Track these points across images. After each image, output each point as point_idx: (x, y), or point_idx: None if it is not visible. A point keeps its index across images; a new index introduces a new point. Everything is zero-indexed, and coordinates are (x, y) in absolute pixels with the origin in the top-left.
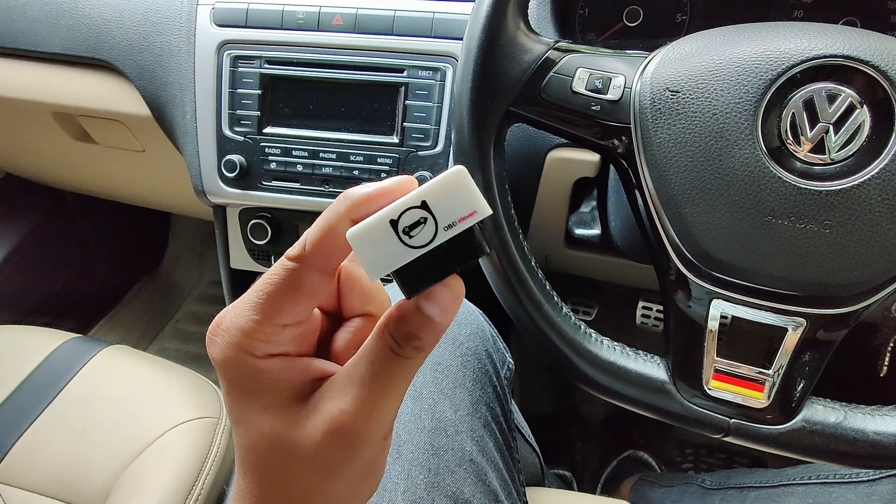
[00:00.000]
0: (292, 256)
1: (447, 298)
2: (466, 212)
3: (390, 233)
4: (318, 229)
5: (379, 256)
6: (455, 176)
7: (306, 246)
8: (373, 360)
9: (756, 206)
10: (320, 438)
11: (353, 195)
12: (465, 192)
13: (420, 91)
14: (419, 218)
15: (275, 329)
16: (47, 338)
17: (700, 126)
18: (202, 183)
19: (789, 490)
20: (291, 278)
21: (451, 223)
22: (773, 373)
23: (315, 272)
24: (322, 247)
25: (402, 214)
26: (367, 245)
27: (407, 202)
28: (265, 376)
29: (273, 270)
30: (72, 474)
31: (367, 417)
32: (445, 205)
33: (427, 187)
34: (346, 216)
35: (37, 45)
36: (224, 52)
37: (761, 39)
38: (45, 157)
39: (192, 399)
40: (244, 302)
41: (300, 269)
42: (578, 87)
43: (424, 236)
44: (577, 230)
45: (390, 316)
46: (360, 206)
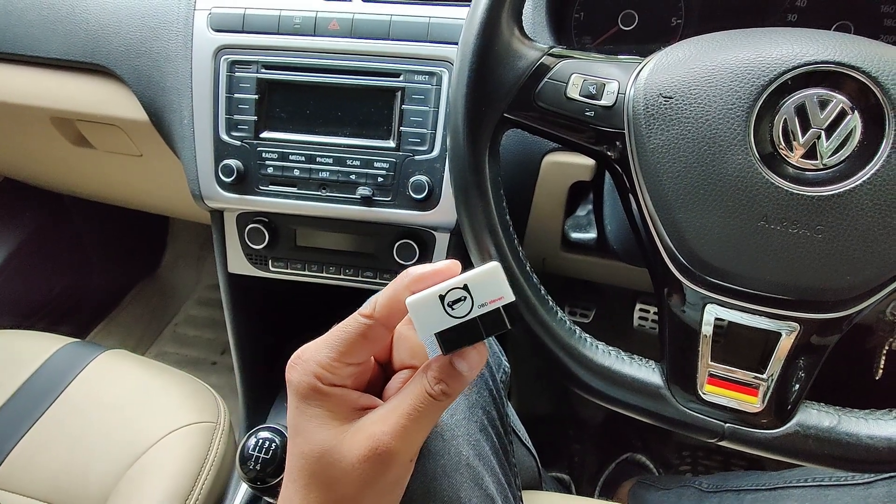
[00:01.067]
0: (365, 314)
1: (474, 358)
2: (496, 297)
3: (438, 304)
4: (386, 296)
5: (428, 320)
6: (492, 270)
7: (376, 307)
8: (413, 397)
9: (749, 211)
10: (363, 453)
11: (413, 273)
12: (497, 282)
13: (417, 95)
14: (461, 296)
15: (342, 366)
16: (45, 342)
17: (693, 132)
18: (199, 187)
19: (786, 493)
20: (362, 330)
21: (483, 303)
22: (767, 377)
23: (380, 327)
24: (388, 309)
25: (449, 292)
26: (420, 310)
27: (453, 284)
28: (327, 400)
29: (348, 323)
30: (69, 479)
31: (401, 440)
32: (481, 290)
33: (470, 275)
34: (408, 288)
35: (34, 50)
36: (221, 57)
37: (753, 45)
38: (43, 161)
39: (190, 404)
40: (322, 342)
41: (370, 324)
42: (573, 92)
43: (463, 310)
44: (574, 234)
45: (428, 366)
46: (419, 282)
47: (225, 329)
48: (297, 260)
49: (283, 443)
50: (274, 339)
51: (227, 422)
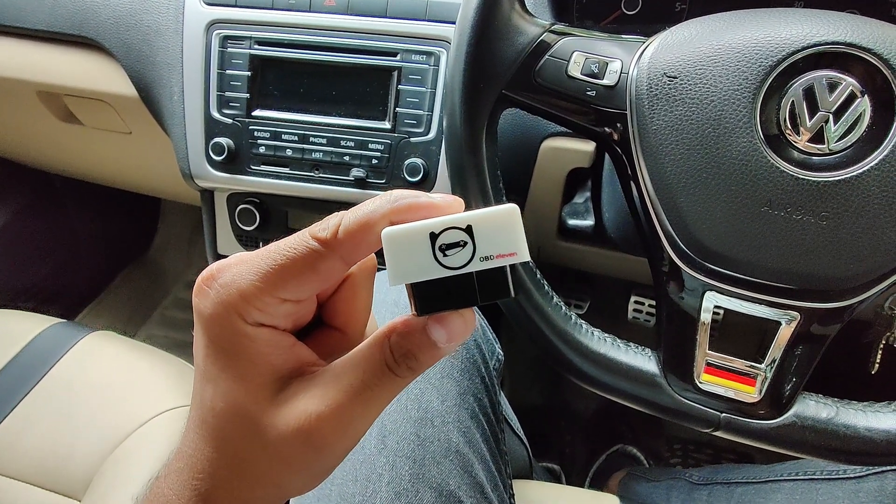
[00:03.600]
0: (320, 239)
1: (458, 327)
2: (507, 250)
3: (427, 245)
4: (355, 221)
5: (408, 263)
6: (507, 212)
7: (339, 233)
8: (364, 370)
9: (752, 196)
10: (289, 434)
11: (399, 198)
12: (512, 231)
13: (413, 76)
14: (459, 240)
15: (274, 301)
16: (31, 322)
17: (697, 113)
18: (189, 166)
19: (776, 486)
20: (310, 258)
21: (488, 256)
22: (765, 367)
23: (337, 259)
24: (354, 238)
25: (444, 231)
26: (400, 249)
27: (453, 221)
28: (250, 344)
29: (291, 244)
30: (54, 461)
31: (342, 427)
32: (489, 236)
33: (476, 214)
34: (388, 217)
35: (20, 21)
36: (213, 32)
37: (762, 25)
38: (29, 137)
39: (177, 386)
40: (248, 265)
41: (323, 252)
42: (574, 71)
43: (459, 259)
44: (571, 221)
45: (393, 328)
46: (404, 212)
47: None
48: None
49: None
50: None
51: None
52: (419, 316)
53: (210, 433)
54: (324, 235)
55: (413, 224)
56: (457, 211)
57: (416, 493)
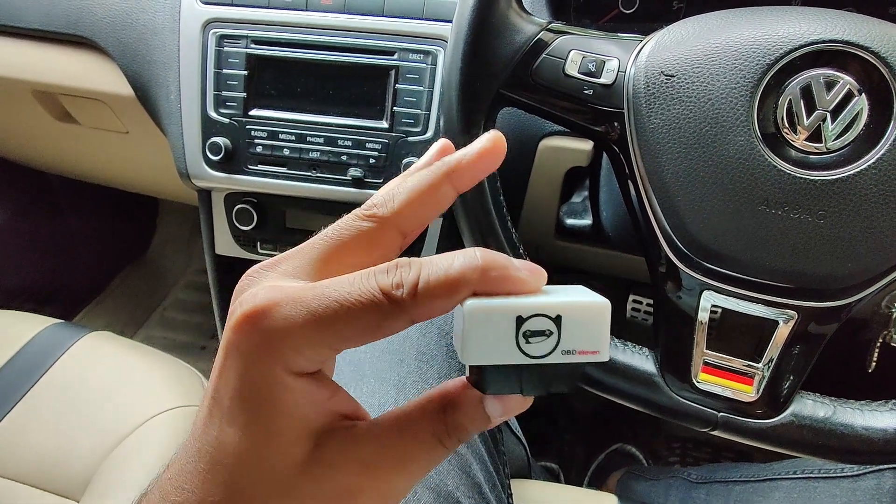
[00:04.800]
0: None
1: (516, 407)
2: (590, 348)
3: (511, 329)
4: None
5: (488, 344)
6: (600, 307)
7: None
8: (413, 440)
9: (750, 194)
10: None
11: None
12: (600, 328)
13: (411, 75)
14: (545, 329)
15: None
16: (29, 323)
17: (695, 111)
18: (186, 166)
19: (774, 485)
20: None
21: (570, 350)
22: (762, 366)
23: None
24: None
25: (532, 317)
26: (482, 327)
27: (544, 308)
28: (288, 396)
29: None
30: (52, 462)
31: (381, 499)
32: (576, 330)
33: (568, 303)
34: (474, 286)
35: (15, 19)
36: (209, 31)
37: (759, 23)
38: (26, 137)
39: (176, 387)
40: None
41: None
42: (571, 69)
43: (540, 349)
44: (569, 220)
45: (446, 399)
46: (492, 284)
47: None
48: (286, 242)
49: None
50: None
51: None
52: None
53: (225, 480)
54: (398, 294)
55: (500, 303)
56: (541, 283)
57: (414, 494)
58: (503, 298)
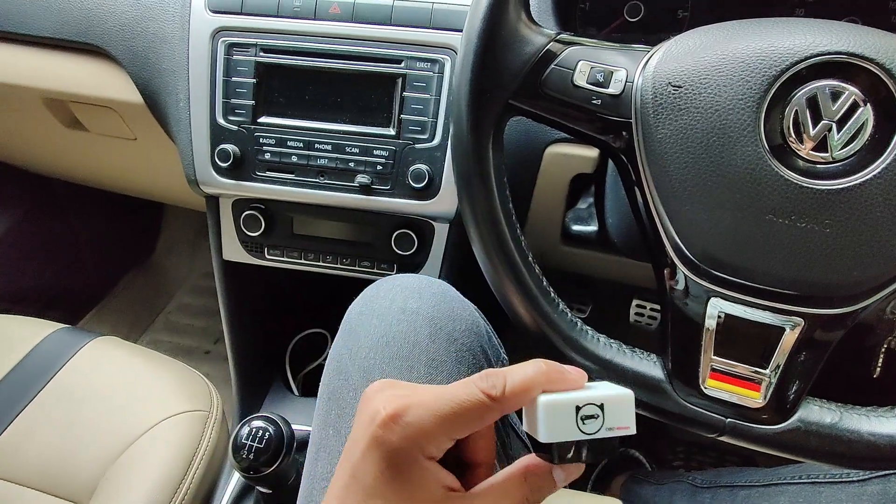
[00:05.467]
0: (490, 395)
1: (574, 473)
2: (624, 424)
3: (572, 414)
4: (520, 384)
5: (557, 426)
6: (629, 397)
7: (506, 391)
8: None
9: (757, 204)
10: None
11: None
12: (630, 411)
13: (418, 83)
14: (594, 413)
15: (447, 439)
16: (35, 328)
17: (702, 122)
18: (195, 173)
19: (779, 489)
20: (482, 410)
21: (611, 427)
22: (769, 372)
23: (499, 411)
24: (517, 397)
25: (586, 405)
26: (552, 414)
27: (591, 399)
28: (422, 473)
29: (466, 396)
30: (59, 467)
31: None
32: (616, 414)
33: (609, 395)
34: (543, 385)
35: (26, 28)
36: (219, 40)
37: (766, 35)
38: (34, 144)
39: (182, 392)
40: (429, 409)
41: (492, 406)
42: (580, 80)
43: (592, 427)
44: (574, 226)
45: (528, 470)
46: (555, 383)
47: (219, 318)
48: (293, 248)
49: (276, 432)
50: (269, 328)
51: (220, 410)
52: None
53: None
54: (494, 393)
55: (565, 396)
56: (584, 381)
57: None
58: (563, 394)
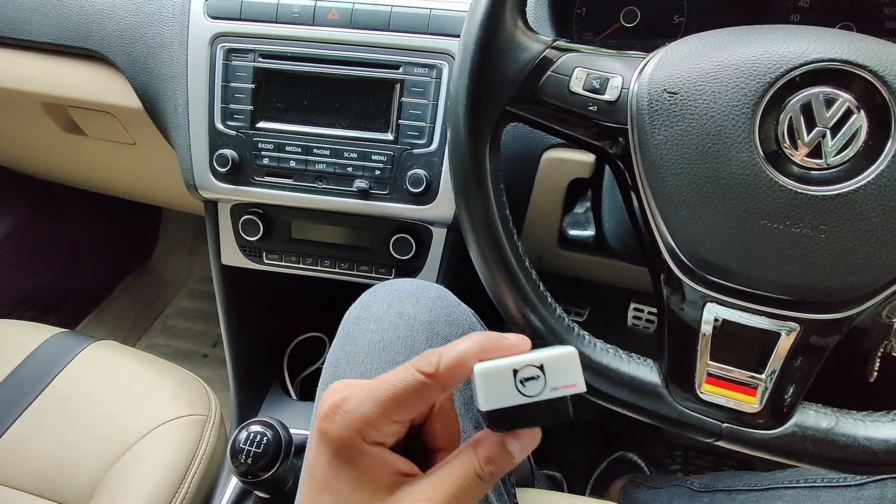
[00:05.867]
0: (426, 372)
1: (528, 442)
2: (569, 382)
3: (510, 379)
4: (454, 357)
5: (496, 393)
6: (570, 354)
7: (440, 366)
8: (459, 475)
9: (752, 209)
10: None
11: (486, 340)
12: (574, 368)
13: (416, 88)
14: (534, 375)
15: (389, 422)
16: (34, 332)
17: (697, 128)
18: (193, 177)
19: (777, 493)
20: (419, 388)
21: (555, 387)
22: (765, 377)
23: (438, 388)
24: (452, 371)
25: (524, 368)
26: (489, 381)
27: (529, 361)
28: (367, 459)
29: (402, 377)
30: (57, 471)
31: None
32: (557, 372)
33: (547, 355)
34: (478, 355)
35: (26, 33)
36: (217, 45)
37: (760, 42)
38: (33, 148)
39: (181, 396)
40: (368, 394)
41: (429, 383)
42: (576, 86)
43: (533, 389)
44: (571, 231)
45: (478, 442)
46: (489, 351)
47: (217, 322)
48: (291, 253)
49: (274, 436)
50: (267, 332)
51: (218, 415)
52: (500, 432)
53: None
54: (429, 370)
55: (500, 361)
56: (525, 348)
57: None
58: (501, 359)
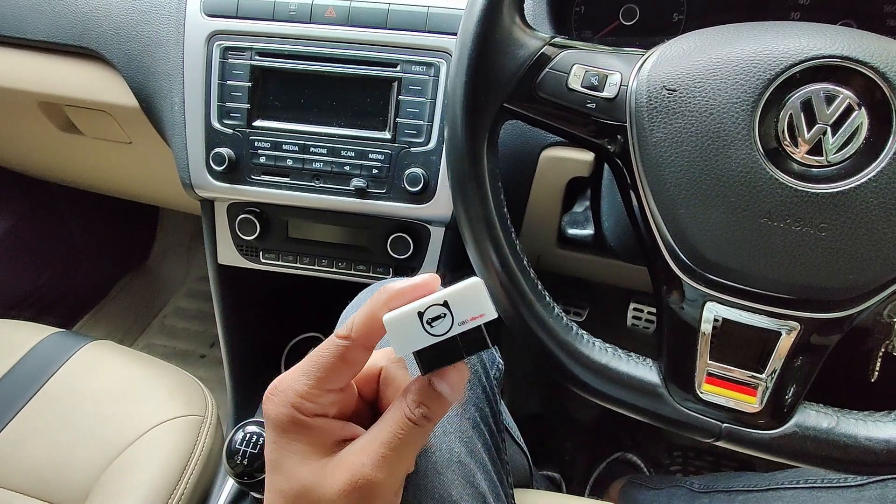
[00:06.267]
0: (342, 335)
1: (455, 379)
2: (477, 313)
3: (417, 322)
4: (363, 315)
5: (406, 338)
6: (473, 286)
7: (353, 327)
8: (391, 423)
9: (752, 207)
10: (343, 488)
11: (391, 289)
12: (479, 298)
13: (413, 86)
14: (440, 313)
15: (322, 393)
16: (30, 332)
17: (697, 125)
18: (190, 176)
19: (777, 494)
20: (339, 352)
21: (463, 321)
22: (765, 377)
23: (358, 348)
24: (366, 328)
25: (428, 308)
26: (398, 329)
27: (432, 300)
28: (308, 432)
29: (324, 346)
30: (52, 472)
31: (383, 471)
32: (462, 306)
33: (450, 291)
34: (385, 305)
35: (21, 31)
36: (214, 43)
37: (760, 38)
38: (30, 147)
39: (177, 396)
40: (298, 370)
41: (347, 344)
42: (574, 83)
43: (442, 327)
44: (570, 230)
45: (407, 389)
46: (396, 298)
47: (214, 322)
48: (288, 252)
49: None
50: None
51: (215, 415)
52: (424, 374)
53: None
54: (344, 332)
55: (403, 308)
56: (435, 287)
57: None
58: (408, 305)
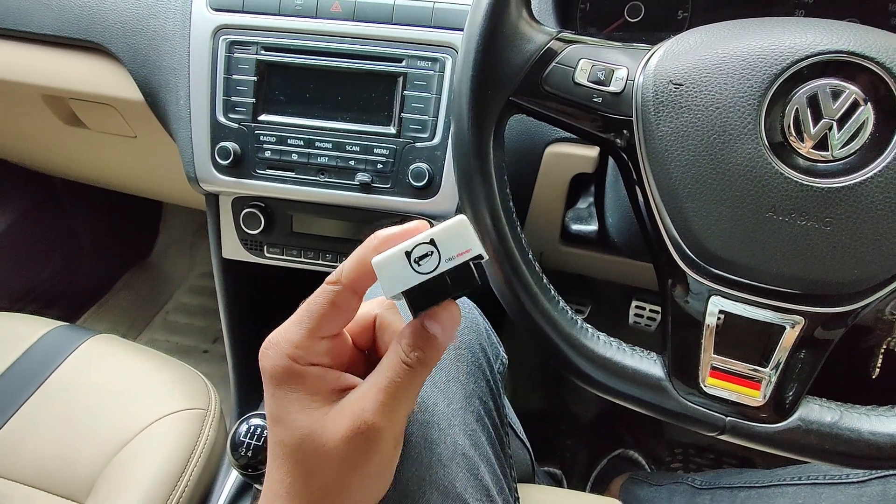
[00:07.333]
0: (332, 281)
1: (446, 318)
2: (464, 249)
3: (404, 261)
4: (353, 260)
5: (394, 278)
6: (458, 223)
7: (343, 273)
8: (389, 369)
9: (757, 202)
10: (345, 434)
11: (381, 235)
12: (465, 235)
13: (419, 81)
14: (427, 251)
15: (316, 341)
16: (34, 325)
17: (703, 120)
18: (195, 170)
19: (779, 490)
20: (330, 298)
21: (451, 257)
22: (769, 371)
23: (348, 293)
24: (356, 273)
25: (415, 247)
26: (386, 269)
27: (419, 239)
28: (306, 381)
29: (316, 294)
30: (56, 464)
31: (384, 416)
32: (448, 243)
33: (436, 229)
34: (375, 250)
35: (27, 25)
36: (220, 38)
37: (767, 34)
38: (34, 141)
39: (180, 390)
40: (291, 322)
41: (337, 290)
42: (580, 78)
43: (430, 265)
44: (574, 226)
45: (402, 333)
46: (386, 243)
47: (217, 318)
48: (293, 246)
49: None
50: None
51: (218, 409)
52: (415, 316)
53: (284, 462)
54: (334, 278)
55: (391, 249)
56: (421, 229)
57: (423, 495)
58: (396, 246)
